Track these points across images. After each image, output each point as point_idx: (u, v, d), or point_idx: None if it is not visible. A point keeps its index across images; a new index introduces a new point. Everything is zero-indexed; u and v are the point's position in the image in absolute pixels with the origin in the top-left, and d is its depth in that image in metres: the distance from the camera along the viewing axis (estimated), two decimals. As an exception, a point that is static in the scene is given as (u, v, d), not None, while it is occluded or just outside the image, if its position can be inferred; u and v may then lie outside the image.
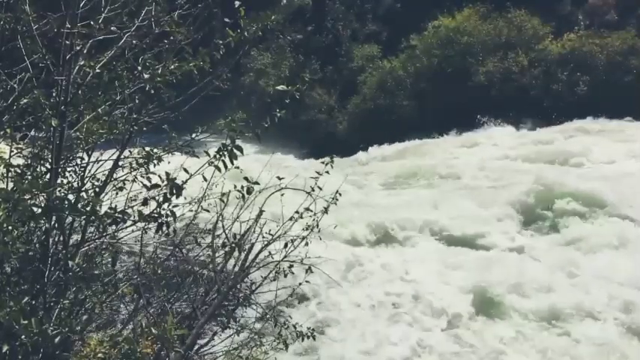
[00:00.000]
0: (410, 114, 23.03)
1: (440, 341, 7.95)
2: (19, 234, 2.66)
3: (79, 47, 2.81)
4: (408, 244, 11.33)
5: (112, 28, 2.98)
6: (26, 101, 2.89)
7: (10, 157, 2.99)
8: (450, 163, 17.15)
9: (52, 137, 2.76)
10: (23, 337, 2.28)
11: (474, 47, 23.37)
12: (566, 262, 9.80)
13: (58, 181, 2.90)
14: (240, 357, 4.28)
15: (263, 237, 4.27)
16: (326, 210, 4.39)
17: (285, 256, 4.26)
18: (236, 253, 4.14)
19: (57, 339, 2.46)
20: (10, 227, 2.35)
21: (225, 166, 2.91)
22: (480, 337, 8.02)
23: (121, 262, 3.65)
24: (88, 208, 2.48)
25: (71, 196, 2.79)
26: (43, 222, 2.65)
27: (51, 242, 2.74)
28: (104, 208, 2.61)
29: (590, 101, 20.47)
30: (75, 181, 3.19)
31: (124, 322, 3.55)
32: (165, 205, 2.76)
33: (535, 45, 23.18)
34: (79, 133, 3.08)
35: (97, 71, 2.90)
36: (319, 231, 4.38)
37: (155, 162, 3.14)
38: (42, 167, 2.88)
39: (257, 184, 3.51)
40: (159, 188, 2.73)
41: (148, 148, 3.18)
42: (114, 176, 3.29)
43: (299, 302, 8.32)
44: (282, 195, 4.18)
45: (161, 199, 2.75)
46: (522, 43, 23.24)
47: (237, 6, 3.09)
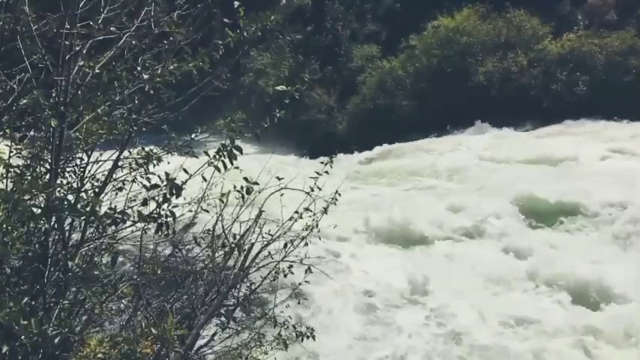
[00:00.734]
0: (409, 114, 23.05)
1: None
2: (19, 234, 2.66)
3: (78, 48, 2.81)
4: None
5: (111, 29, 2.98)
6: (26, 102, 2.88)
7: (9, 157, 2.99)
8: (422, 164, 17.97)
9: (52, 138, 2.76)
10: (23, 337, 2.28)
11: (474, 47, 23.38)
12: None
13: (58, 181, 2.91)
14: (239, 357, 4.28)
15: (263, 237, 4.27)
16: (325, 210, 4.39)
17: (285, 257, 4.26)
18: (236, 254, 4.14)
19: (57, 339, 2.46)
20: (9, 228, 2.34)
21: (225, 167, 2.91)
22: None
23: (121, 263, 3.65)
24: (87, 209, 2.47)
25: (71, 197, 2.79)
26: (42, 222, 2.64)
27: (50, 243, 2.74)
28: (104, 209, 2.61)
29: (590, 101, 20.49)
30: (74, 181, 3.19)
31: (124, 322, 3.55)
32: (164, 205, 2.75)
33: (534, 45, 23.19)
34: (78, 134, 3.08)
35: (97, 71, 2.90)
36: (319, 231, 4.39)
37: (155, 162, 3.14)
38: (41, 168, 2.88)
39: (256, 184, 3.51)
40: (158, 188, 2.73)
41: (147, 149, 3.18)
42: (113, 176, 3.29)
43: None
44: (282, 195, 4.18)
45: (161, 200, 2.75)
46: (522, 43, 23.25)
47: (236, 6, 3.09)
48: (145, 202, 2.86)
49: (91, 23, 2.89)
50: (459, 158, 17.82)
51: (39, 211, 2.43)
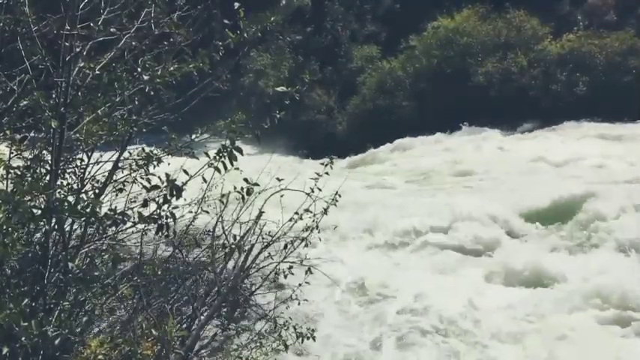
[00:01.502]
0: (409, 114, 23.05)
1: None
2: (19, 236, 2.66)
3: (78, 49, 2.81)
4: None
5: (111, 30, 2.98)
6: (26, 103, 2.89)
7: (9, 158, 2.99)
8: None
9: (52, 139, 2.76)
10: (23, 338, 2.28)
11: (473, 48, 23.38)
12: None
13: (58, 182, 2.91)
14: (240, 358, 4.28)
15: (263, 238, 4.27)
16: (325, 211, 4.39)
17: (285, 258, 4.26)
18: (236, 255, 4.14)
19: (57, 341, 2.46)
20: (10, 229, 2.35)
21: (225, 168, 2.91)
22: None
23: (121, 264, 3.65)
24: (87, 210, 2.47)
25: (71, 198, 2.78)
26: (42, 223, 2.64)
27: (51, 244, 2.74)
28: (104, 210, 2.61)
29: (590, 102, 20.50)
30: (75, 182, 3.19)
31: (125, 323, 3.55)
32: (165, 206, 2.75)
33: (534, 45, 23.19)
34: (78, 135, 3.08)
35: (97, 73, 2.90)
36: (319, 232, 4.38)
37: (155, 163, 3.13)
38: (42, 169, 2.88)
39: (257, 185, 3.51)
40: (159, 190, 2.73)
41: (147, 150, 3.18)
42: (114, 177, 3.28)
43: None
44: (282, 196, 4.18)
45: (161, 201, 2.75)
46: (521, 44, 23.25)
47: (236, 7, 3.09)
48: (146, 203, 2.86)
49: (91, 24, 2.89)
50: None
51: (39, 212, 2.43)
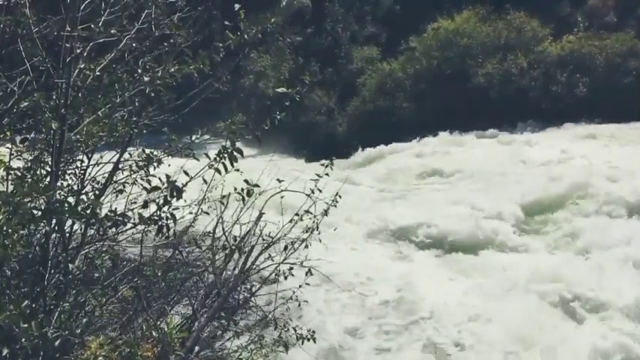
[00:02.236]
0: (409, 116, 23.05)
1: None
2: (19, 237, 2.66)
3: (79, 50, 2.81)
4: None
5: (112, 31, 2.98)
6: (26, 104, 2.89)
7: (10, 159, 2.99)
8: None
9: (52, 140, 2.76)
10: (23, 340, 2.28)
11: (474, 49, 23.39)
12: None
13: (58, 183, 2.90)
14: (240, 359, 4.28)
15: (263, 239, 4.26)
16: (326, 212, 4.39)
17: (285, 259, 4.25)
18: (236, 256, 4.14)
19: (57, 342, 2.46)
20: (10, 230, 2.34)
21: (226, 169, 2.91)
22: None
23: (121, 265, 3.65)
24: (88, 211, 2.47)
25: (71, 199, 2.78)
26: (43, 225, 2.64)
27: (51, 245, 2.74)
28: (104, 211, 2.61)
29: (590, 103, 20.50)
30: (75, 183, 3.18)
31: (125, 324, 3.54)
32: (165, 207, 2.75)
33: (534, 47, 23.21)
34: (79, 136, 3.08)
35: (97, 74, 2.91)
36: (319, 233, 4.38)
37: (155, 164, 3.14)
38: (42, 170, 2.88)
39: (257, 186, 3.50)
40: (159, 191, 2.73)
41: (148, 151, 3.18)
42: (114, 179, 3.28)
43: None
44: (282, 197, 4.18)
45: (161, 202, 2.75)
46: (521, 45, 23.26)
47: (236, 9, 3.09)
48: (146, 205, 2.86)
49: (91, 26, 2.89)
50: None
51: (39, 213, 2.43)
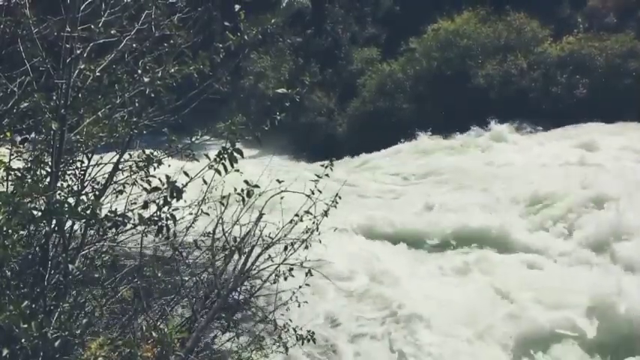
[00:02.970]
0: (409, 117, 23.04)
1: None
2: (19, 237, 2.66)
3: (79, 51, 2.81)
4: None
5: (112, 32, 2.98)
6: (26, 105, 2.89)
7: (10, 160, 2.98)
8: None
9: (52, 140, 2.76)
10: (23, 340, 2.28)
11: (474, 50, 23.40)
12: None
13: (58, 184, 2.90)
14: (240, 360, 4.28)
15: (263, 240, 4.26)
16: (326, 213, 4.39)
17: (285, 259, 4.25)
18: (236, 257, 4.13)
19: (57, 342, 2.46)
20: (10, 230, 2.35)
21: (226, 169, 2.91)
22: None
23: (121, 266, 3.65)
24: (88, 212, 2.47)
25: (71, 200, 2.78)
26: (43, 225, 2.64)
27: (51, 245, 2.74)
28: (104, 212, 2.61)
29: (590, 104, 20.50)
30: (75, 184, 3.19)
31: (124, 325, 3.54)
32: (165, 208, 2.75)
33: (534, 48, 23.21)
34: (79, 137, 3.08)
35: (97, 75, 2.91)
36: (319, 234, 4.38)
37: (155, 165, 3.14)
38: (42, 170, 2.88)
39: (257, 187, 3.50)
40: (159, 191, 2.73)
41: (148, 151, 3.18)
42: (114, 179, 3.28)
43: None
44: (282, 198, 4.17)
45: (161, 203, 2.75)
46: (521, 46, 23.27)
47: (237, 9, 3.09)
48: (146, 205, 2.86)
49: (91, 26, 2.90)
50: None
51: (39, 213, 2.43)
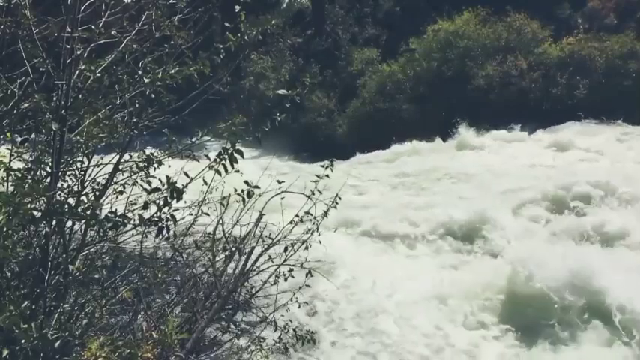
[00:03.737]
0: (409, 117, 23.03)
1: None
2: (20, 238, 2.66)
3: (79, 51, 2.81)
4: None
5: (112, 33, 2.99)
6: (27, 105, 2.89)
7: (10, 161, 2.99)
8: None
9: (53, 141, 2.76)
10: (23, 341, 2.28)
11: (474, 51, 23.38)
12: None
13: (59, 185, 2.90)
14: (240, 361, 4.27)
15: (263, 241, 4.27)
16: (326, 214, 4.39)
17: (285, 260, 4.25)
18: (236, 257, 4.14)
19: (57, 343, 2.46)
20: (10, 231, 2.35)
21: (226, 170, 2.92)
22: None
23: (121, 266, 3.65)
24: (88, 212, 2.48)
25: (71, 200, 2.78)
26: (43, 226, 2.65)
27: (51, 246, 2.74)
28: (104, 212, 2.61)
29: (590, 105, 20.49)
30: (75, 185, 3.18)
31: (125, 326, 3.54)
32: (165, 209, 2.75)
33: (534, 48, 23.18)
34: (79, 137, 3.08)
35: (98, 75, 2.91)
36: (319, 234, 4.38)
37: (155, 166, 3.14)
38: (42, 171, 2.88)
39: (257, 187, 3.51)
40: (159, 192, 2.73)
41: (148, 152, 3.19)
42: (114, 180, 3.28)
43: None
44: (282, 199, 4.18)
45: (161, 203, 2.75)
46: (521, 47, 23.25)
47: (237, 10, 3.10)
48: (146, 206, 2.86)
49: (92, 27, 2.90)
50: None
51: (40, 214, 2.43)
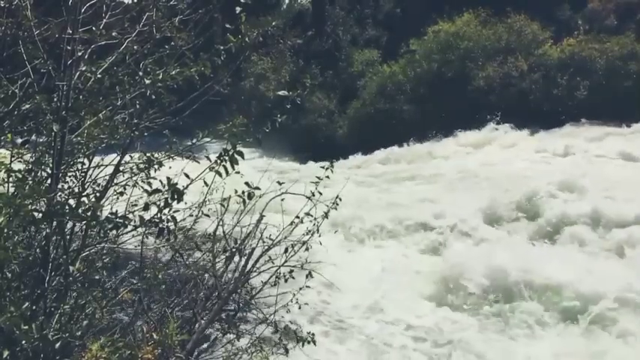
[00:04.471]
0: (410, 118, 23.06)
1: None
2: (20, 239, 2.66)
3: (80, 53, 2.81)
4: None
5: (113, 34, 2.99)
6: (27, 106, 2.89)
7: (11, 162, 2.99)
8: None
9: (53, 142, 2.76)
10: (24, 342, 2.28)
11: (474, 52, 23.41)
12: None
13: (59, 186, 2.90)
14: (240, 362, 4.27)
15: (263, 242, 4.27)
16: (326, 215, 4.39)
17: (286, 261, 4.25)
18: (236, 258, 4.14)
19: (57, 344, 2.46)
20: (11, 232, 2.35)
21: (227, 171, 2.91)
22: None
23: (122, 268, 3.65)
24: (88, 213, 2.47)
25: (72, 201, 2.78)
26: (43, 227, 2.64)
27: (51, 247, 2.73)
28: (105, 213, 2.61)
29: (590, 106, 20.50)
30: (76, 186, 3.19)
31: (125, 327, 3.54)
32: (166, 210, 2.75)
33: (535, 50, 23.21)
34: (79, 138, 3.08)
35: (98, 76, 2.91)
36: (320, 235, 4.38)
37: (156, 167, 3.14)
38: (43, 172, 2.88)
39: (258, 189, 3.50)
40: (160, 193, 2.73)
41: (148, 153, 3.19)
42: (115, 181, 3.28)
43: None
44: (283, 200, 4.18)
45: (162, 204, 2.74)
46: (522, 48, 23.28)
47: (238, 12, 3.10)
48: (147, 207, 2.86)
49: (92, 28, 2.90)
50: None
51: (40, 215, 2.43)
